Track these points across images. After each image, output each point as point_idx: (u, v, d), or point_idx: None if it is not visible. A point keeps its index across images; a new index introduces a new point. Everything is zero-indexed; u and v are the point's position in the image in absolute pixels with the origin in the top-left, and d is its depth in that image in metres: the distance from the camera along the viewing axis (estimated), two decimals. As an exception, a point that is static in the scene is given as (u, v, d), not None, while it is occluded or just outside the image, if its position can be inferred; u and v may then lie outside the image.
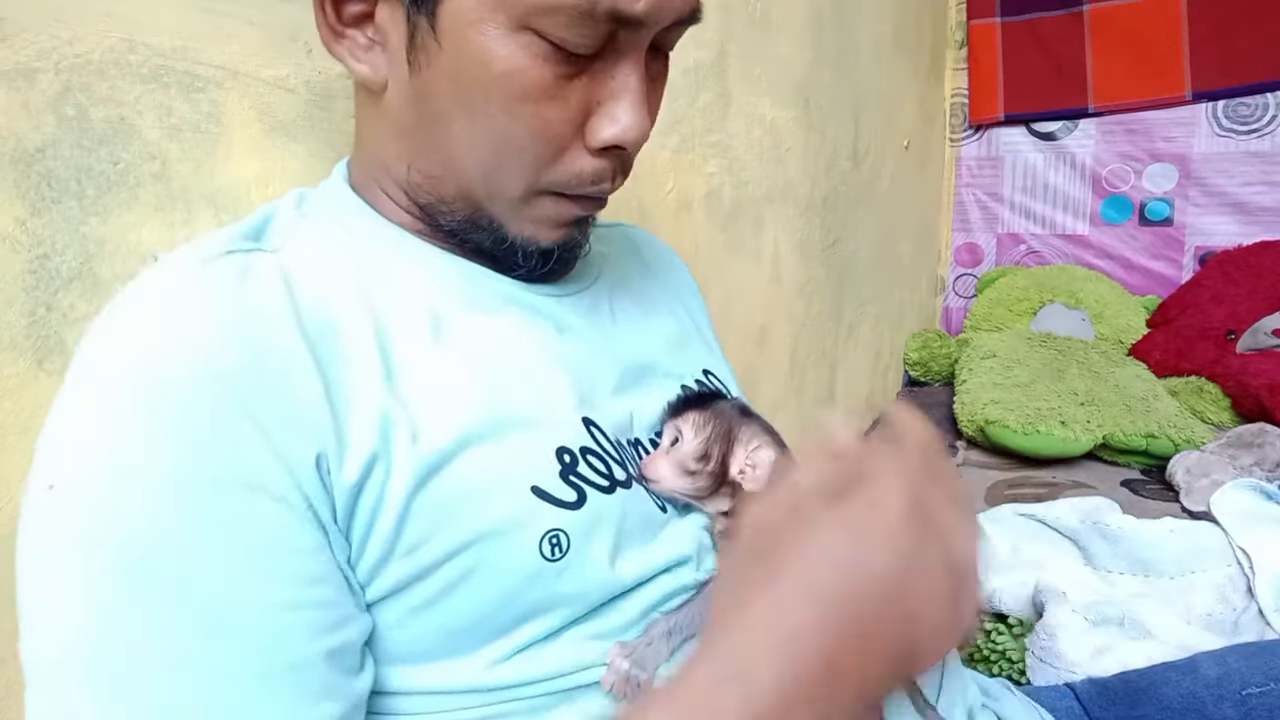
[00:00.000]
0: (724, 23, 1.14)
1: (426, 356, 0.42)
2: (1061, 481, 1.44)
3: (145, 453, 0.33)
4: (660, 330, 0.58)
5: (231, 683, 0.33)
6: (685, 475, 0.47)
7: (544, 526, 0.40)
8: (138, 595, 0.32)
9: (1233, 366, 1.73)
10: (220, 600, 0.33)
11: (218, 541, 0.33)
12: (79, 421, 0.34)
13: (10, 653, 0.46)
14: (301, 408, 0.36)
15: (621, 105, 0.42)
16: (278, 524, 0.34)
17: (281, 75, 0.58)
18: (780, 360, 1.41)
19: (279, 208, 0.46)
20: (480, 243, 0.47)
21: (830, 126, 1.53)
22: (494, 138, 0.42)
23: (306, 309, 0.39)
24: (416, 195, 0.46)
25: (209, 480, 0.33)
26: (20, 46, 0.45)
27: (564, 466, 0.42)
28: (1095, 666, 0.80)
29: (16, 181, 0.45)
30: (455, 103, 0.42)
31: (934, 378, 2.19)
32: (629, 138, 0.43)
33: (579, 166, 0.44)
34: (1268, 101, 1.98)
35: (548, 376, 0.46)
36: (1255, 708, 0.58)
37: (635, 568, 0.44)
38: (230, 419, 0.34)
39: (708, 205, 1.14)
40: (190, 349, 0.35)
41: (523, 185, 0.44)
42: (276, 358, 0.36)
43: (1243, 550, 0.99)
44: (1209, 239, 2.11)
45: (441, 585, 0.39)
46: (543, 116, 0.41)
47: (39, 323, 0.47)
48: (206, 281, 0.37)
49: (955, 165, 2.43)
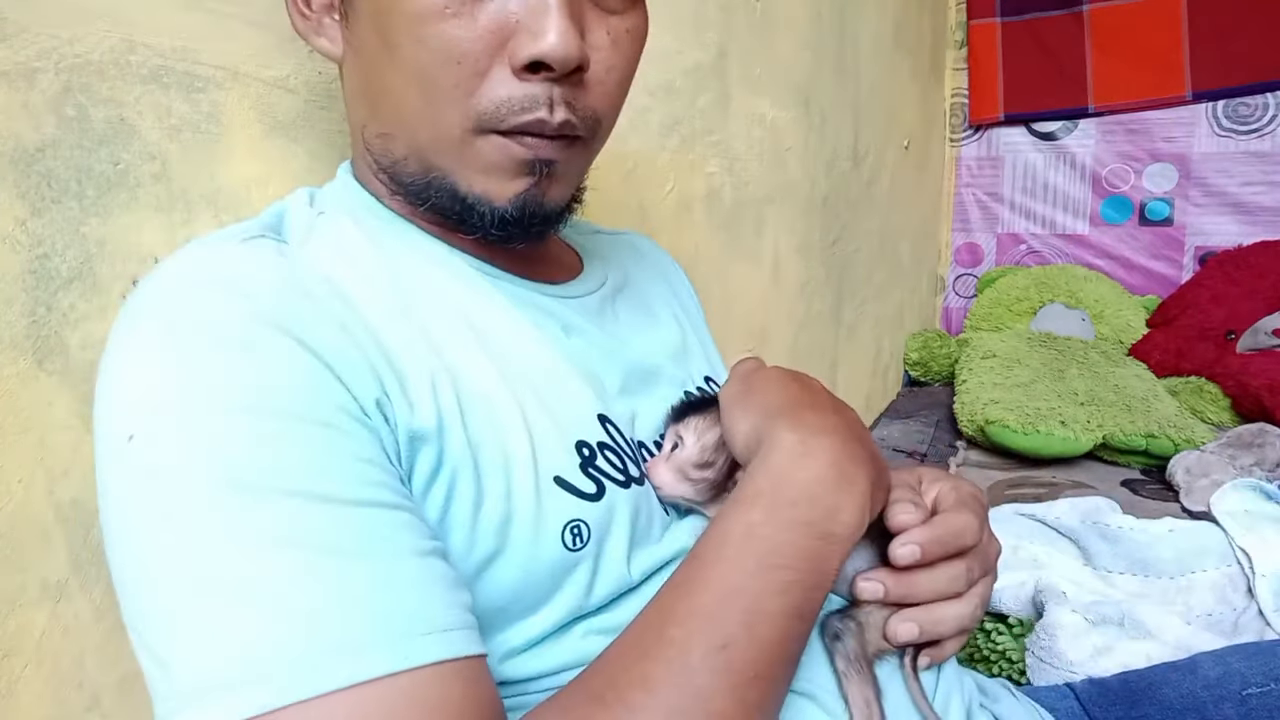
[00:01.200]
0: (724, 23, 1.14)
1: (461, 353, 0.43)
2: (1061, 481, 1.44)
3: (231, 383, 0.33)
4: (663, 336, 0.59)
5: (374, 565, 0.32)
6: (686, 481, 0.48)
7: (566, 516, 0.41)
8: (252, 506, 0.32)
9: (1233, 366, 1.73)
10: (341, 497, 0.33)
11: (313, 449, 0.33)
12: (145, 373, 0.34)
13: (12, 649, 0.46)
14: (357, 359, 0.37)
15: (540, 17, 0.39)
16: (367, 441, 0.35)
17: (281, 75, 0.58)
18: (780, 360, 1.40)
19: (290, 206, 0.47)
20: (441, 204, 0.45)
21: (830, 126, 1.53)
22: (412, 69, 0.41)
23: (343, 289, 0.40)
24: (380, 161, 0.47)
25: (298, 403, 0.34)
26: (20, 46, 0.45)
27: (583, 460, 0.43)
28: (1095, 666, 0.80)
29: (16, 181, 0.45)
30: (378, 46, 0.42)
31: (934, 378, 2.19)
32: (552, 52, 0.39)
33: (505, 92, 0.41)
34: (1268, 101, 1.98)
35: (562, 373, 0.46)
36: (1256, 708, 0.58)
37: (644, 563, 0.45)
38: (297, 355, 0.35)
39: (708, 205, 1.14)
40: (248, 303, 0.36)
41: (455, 121, 0.42)
42: (327, 314, 0.38)
43: (1243, 550, 0.99)
44: (1209, 239, 2.11)
45: (470, 568, 0.39)
46: (447, 36, 0.40)
47: (39, 323, 0.47)
48: (250, 252, 0.39)
49: (955, 165, 2.43)
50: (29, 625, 0.47)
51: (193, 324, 0.35)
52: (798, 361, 1.47)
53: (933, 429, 1.82)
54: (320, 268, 0.41)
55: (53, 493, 0.47)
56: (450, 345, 0.42)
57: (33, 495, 0.47)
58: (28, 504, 0.47)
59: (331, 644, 0.30)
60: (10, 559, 0.46)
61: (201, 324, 0.35)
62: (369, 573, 0.32)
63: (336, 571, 0.32)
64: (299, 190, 0.49)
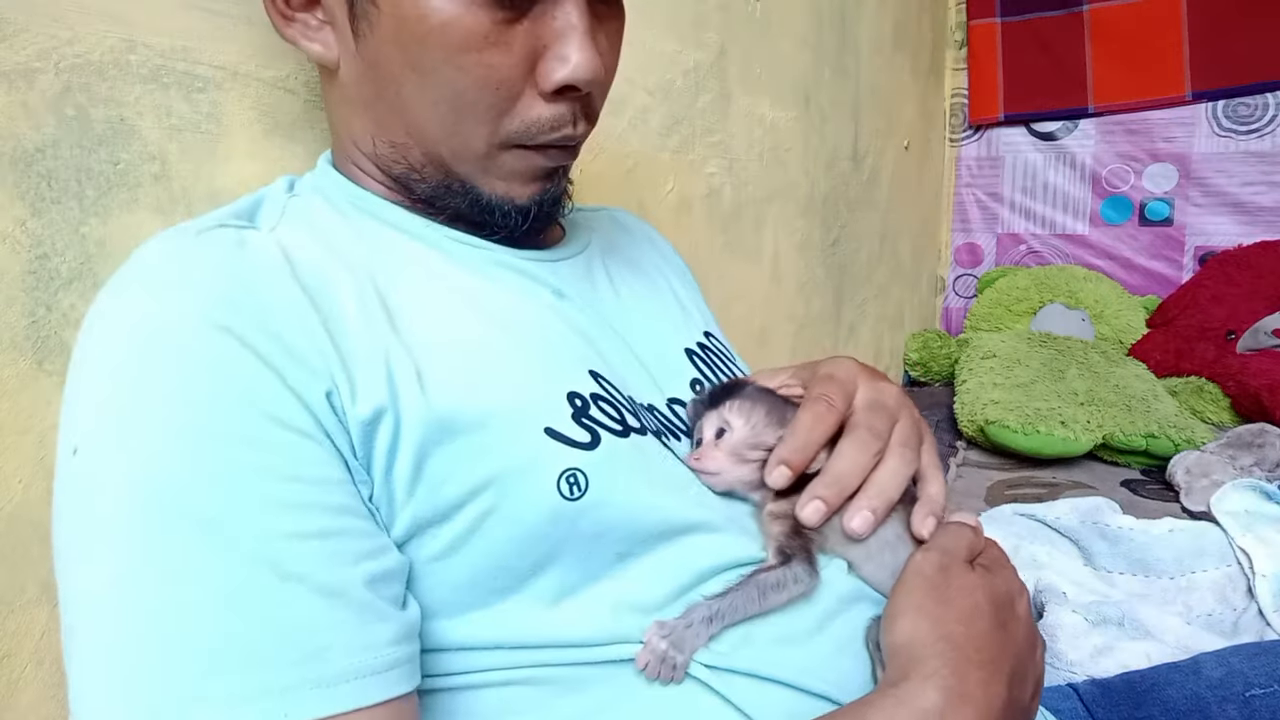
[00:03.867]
0: (724, 23, 1.13)
1: (429, 309, 0.42)
2: (1061, 481, 1.44)
3: (160, 401, 0.33)
4: (658, 298, 0.59)
5: (275, 608, 0.32)
6: (744, 463, 0.47)
7: (560, 466, 0.40)
8: (171, 534, 0.32)
9: (1233, 366, 1.73)
10: (253, 530, 0.33)
11: (243, 474, 0.33)
12: (91, 384, 0.35)
13: (12, 649, 0.46)
14: (305, 350, 0.37)
15: (568, 44, 0.42)
16: (299, 454, 0.35)
17: (281, 75, 0.58)
18: (780, 360, 1.40)
19: (269, 192, 0.47)
20: (457, 208, 0.47)
21: (830, 126, 1.53)
22: (445, 93, 0.42)
23: (303, 269, 0.40)
24: (388, 168, 0.47)
25: (227, 419, 0.34)
26: (20, 46, 0.45)
27: (575, 410, 0.43)
28: (1095, 667, 0.80)
29: (16, 182, 0.45)
30: (403, 65, 0.42)
31: (934, 378, 2.19)
32: (580, 76, 0.42)
33: (535, 114, 0.43)
34: (1268, 101, 1.98)
35: (548, 329, 0.46)
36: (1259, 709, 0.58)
37: (661, 514, 0.43)
38: (239, 361, 0.35)
39: (708, 205, 1.14)
40: (191, 301, 0.35)
41: (483, 140, 0.44)
42: (275, 307, 0.37)
43: (1243, 550, 0.99)
44: (1209, 239, 2.11)
45: (462, 528, 0.39)
46: (487, 64, 0.41)
47: (39, 323, 0.46)
48: (203, 245, 0.38)
49: (955, 165, 2.43)
50: (29, 625, 0.47)
51: (135, 340, 0.35)
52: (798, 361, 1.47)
53: (933, 429, 1.82)
54: (286, 249, 0.40)
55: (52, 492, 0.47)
56: (422, 314, 0.42)
57: (32, 495, 0.47)
58: (28, 504, 0.47)
59: (215, 694, 0.30)
60: (10, 559, 0.46)
61: (146, 336, 0.35)
62: (261, 619, 0.32)
63: (226, 615, 0.32)
64: (281, 178, 0.49)
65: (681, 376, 0.54)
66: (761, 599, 0.42)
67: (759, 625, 0.42)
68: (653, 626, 0.41)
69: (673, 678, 0.40)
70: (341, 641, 0.33)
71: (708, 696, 0.40)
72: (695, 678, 0.40)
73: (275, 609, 0.32)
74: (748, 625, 0.42)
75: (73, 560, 0.34)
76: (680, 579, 0.43)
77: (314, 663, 0.32)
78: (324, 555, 0.34)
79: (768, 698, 0.40)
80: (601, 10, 0.45)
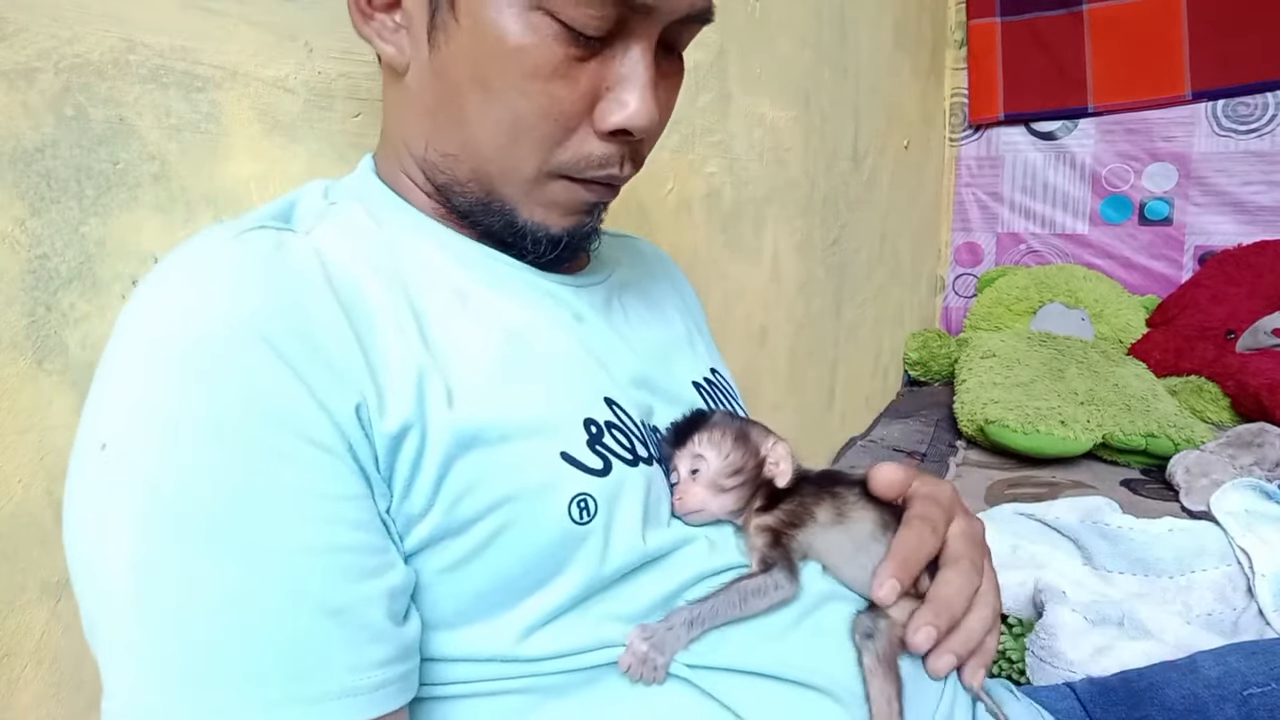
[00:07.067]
0: (724, 23, 1.13)
1: (457, 324, 0.43)
2: (1061, 481, 1.44)
3: (192, 407, 0.34)
4: (669, 330, 0.61)
5: (277, 622, 0.33)
6: (723, 493, 0.48)
7: (572, 490, 0.42)
8: (188, 540, 0.33)
9: (1232, 366, 1.73)
10: (267, 543, 0.34)
11: (264, 487, 0.34)
12: (127, 382, 0.35)
13: (12, 649, 0.46)
14: (338, 361, 0.37)
15: (629, 90, 0.43)
16: (321, 470, 0.35)
17: (281, 75, 0.58)
18: (780, 360, 1.41)
19: (303, 195, 0.47)
20: (491, 226, 0.48)
21: (830, 126, 1.53)
22: (506, 114, 0.43)
23: (338, 278, 0.40)
24: (433, 175, 0.48)
25: (254, 430, 0.34)
26: (20, 46, 0.45)
27: (590, 436, 0.44)
28: (1095, 666, 0.80)
29: (16, 181, 0.45)
30: (471, 80, 0.43)
31: (934, 377, 2.19)
32: (636, 123, 0.44)
33: (587, 149, 0.45)
34: (1268, 101, 1.98)
35: (570, 354, 0.47)
36: (1257, 708, 0.58)
37: (659, 540, 0.45)
38: (272, 372, 0.35)
39: (708, 205, 1.14)
40: (229, 307, 0.36)
41: (534, 165, 0.45)
42: (312, 315, 0.38)
43: (1242, 550, 0.99)
44: (1209, 238, 2.11)
45: (474, 543, 0.40)
46: (552, 95, 0.43)
47: (39, 323, 0.47)
48: (241, 248, 0.39)
49: (955, 165, 2.43)
50: (29, 625, 0.47)
51: (172, 340, 0.35)
52: (797, 361, 1.47)
53: (932, 429, 1.82)
54: (323, 255, 0.41)
55: (52, 493, 0.47)
56: (451, 329, 0.43)
57: (32, 495, 0.47)
58: (28, 504, 0.47)
59: (208, 705, 0.32)
60: (10, 559, 0.46)
61: (181, 340, 0.35)
62: (261, 632, 0.33)
63: (231, 625, 0.33)
64: (314, 181, 0.50)
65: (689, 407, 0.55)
66: (743, 604, 0.43)
67: (737, 625, 0.43)
68: (635, 630, 0.42)
69: (654, 679, 0.41)
70: (334, 661, 0.34)
71: (690, 693, 0.42)
72: (677, 676, 0.42)
73: (276, 623, 0.33)
74: (726, 626, 0.43)
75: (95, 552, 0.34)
76: (664, 588, 0.45)
77: (305, 680, 0.33)
78: (332, 571, 0.35)
79: (749, 689, 0.42)
80: (665, 65, 0.47)
